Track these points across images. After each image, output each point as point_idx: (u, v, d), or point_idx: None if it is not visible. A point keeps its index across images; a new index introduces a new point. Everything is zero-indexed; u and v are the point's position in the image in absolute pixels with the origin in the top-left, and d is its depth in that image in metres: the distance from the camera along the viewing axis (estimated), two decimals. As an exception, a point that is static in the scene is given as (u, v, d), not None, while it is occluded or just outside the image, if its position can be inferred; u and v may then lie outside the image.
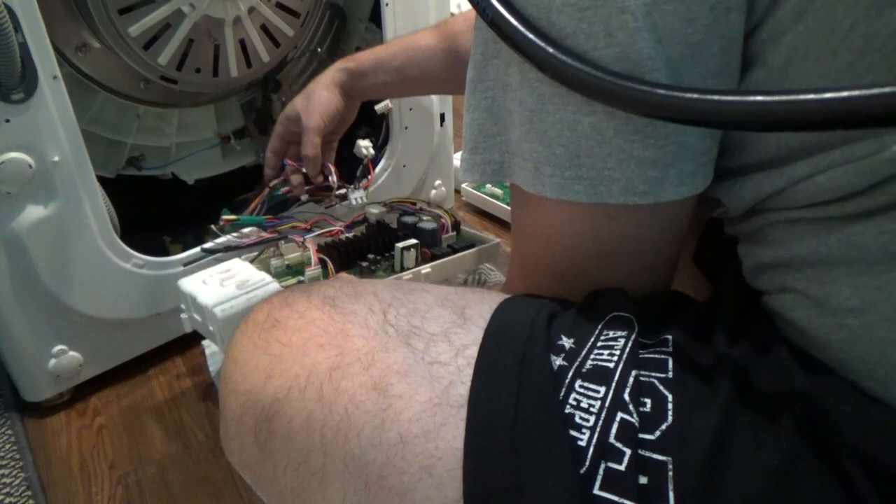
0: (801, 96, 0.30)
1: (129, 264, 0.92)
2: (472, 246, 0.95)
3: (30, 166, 0.78)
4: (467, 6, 0.42)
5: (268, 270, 0.85)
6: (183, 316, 0.83)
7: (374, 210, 1.00)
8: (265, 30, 1.03)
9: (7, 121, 0.75)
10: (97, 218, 0.87)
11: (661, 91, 0.34)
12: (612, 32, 0.36)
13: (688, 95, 0.33)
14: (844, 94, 0.28)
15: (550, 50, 0.37)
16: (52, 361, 0.91)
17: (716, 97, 0.32)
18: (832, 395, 0.35)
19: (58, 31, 0.89)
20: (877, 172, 0.33)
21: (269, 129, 1.19)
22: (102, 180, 0.90)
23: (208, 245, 0.89)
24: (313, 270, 0.84)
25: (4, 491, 0.84)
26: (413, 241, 0.90)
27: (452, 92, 1.09)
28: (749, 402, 0.35)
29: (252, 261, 0.88)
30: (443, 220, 0.98)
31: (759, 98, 0.31)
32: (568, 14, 0.37)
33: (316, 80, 0.94)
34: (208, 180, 1.18)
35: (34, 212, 0.81)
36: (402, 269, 0.89)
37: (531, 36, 0.37)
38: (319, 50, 1.20)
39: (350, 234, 0.95)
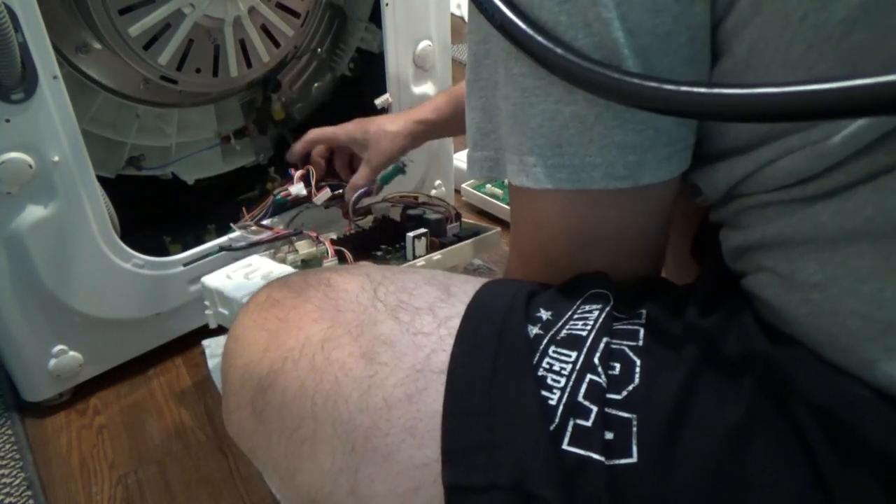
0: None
1: (129, 264, 0.95)
2: (476, 234, 1.00)
3: (30, 166, 0.80)
4: (468, 6, 0.46)
5: None
6: (208, 312, 0.88)
7: (379, 205, 1.05)
8: (265, 30, 1.05)
9: (7, 121, 0.78)
10: (97, 218, 0.89)
11: (670, 87, 0.37)
12: (589, 23, 0.40)
13: (698, 90, 0.36)
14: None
15: (559, 51, 0.40)
16: (52, 361, 0.94)
17: (725, 91, 0.36)
18: (791, 358, 0.39)
19: (58, 31, 0.91)
20: (830, 155, 0.37)
21: (269, 130, 1.23)
22: (102, 180, 0.93)
23: (232, 240, 0.95)
24: (331, 262, 0.88)
25: (4, 491, 0.87)
26: (423, 229, 0.94)
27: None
28: (713, 365, 0.39)
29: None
30: (446, 212, 1.03)
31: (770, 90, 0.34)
32: (548, 9, 0.41)
33: (394, 119, 1.00)
34: (208, 180, 1.20)
35: (34, 212, 0.84)
36: (415, 257, 0.93)
37: (537, 37, 0.41)
38: (319, 50, 1.23)
39: (359, 228, 1.01)
